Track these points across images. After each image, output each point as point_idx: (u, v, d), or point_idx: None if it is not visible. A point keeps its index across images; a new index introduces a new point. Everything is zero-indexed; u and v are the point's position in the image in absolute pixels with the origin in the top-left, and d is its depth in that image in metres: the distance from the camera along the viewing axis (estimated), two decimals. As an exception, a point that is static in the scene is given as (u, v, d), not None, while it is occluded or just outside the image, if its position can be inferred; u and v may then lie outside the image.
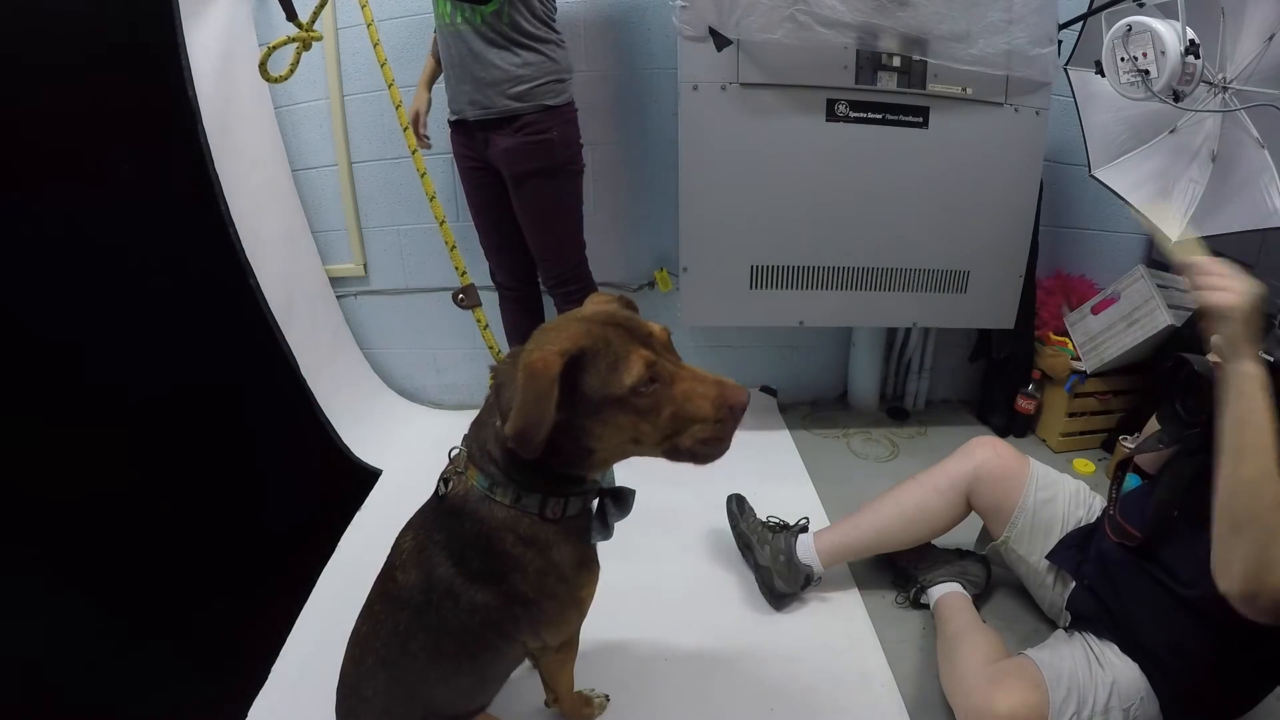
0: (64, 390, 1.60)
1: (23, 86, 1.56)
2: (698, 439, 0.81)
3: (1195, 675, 1.03)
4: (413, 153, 1.18)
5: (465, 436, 0.94)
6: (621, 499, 0.94)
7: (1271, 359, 0.91)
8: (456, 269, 1.09)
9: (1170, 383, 0.98)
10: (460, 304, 1.07)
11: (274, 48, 1.31)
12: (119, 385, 1.67)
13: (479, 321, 1.04)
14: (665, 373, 0.80)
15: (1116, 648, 1.10)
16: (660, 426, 0.80)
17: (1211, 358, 0.97)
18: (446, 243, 1.11)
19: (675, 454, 0.83)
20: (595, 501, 0.94)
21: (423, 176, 1.16)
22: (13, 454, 1.48)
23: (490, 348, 1.02)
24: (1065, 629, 1.23)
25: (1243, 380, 0.85)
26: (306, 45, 1.35)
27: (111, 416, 1.65)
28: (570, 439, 0.81)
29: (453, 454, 0.94)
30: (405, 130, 1.22)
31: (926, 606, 1.46)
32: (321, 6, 1.35)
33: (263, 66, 1.31)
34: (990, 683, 1.09)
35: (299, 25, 1.33)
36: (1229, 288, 0.86)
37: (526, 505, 0.87)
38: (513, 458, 0.84)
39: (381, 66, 1.21)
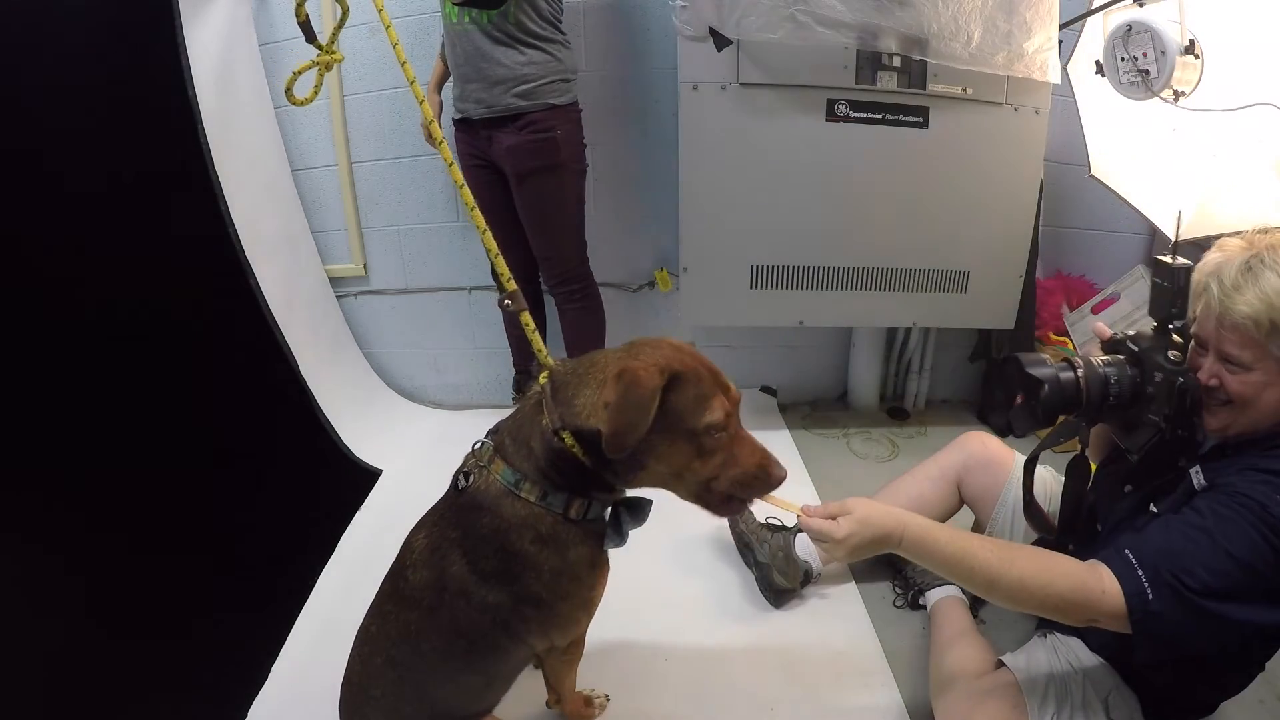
0: (64, 391, 1.60)
1: (23, 87, 1.56)
2: (730, 489, 0.88)
3: (1144, 676, 1.02)
4: (449, 165, 1.18)
5: (491, 430, 0.94)
6: (638, 508, 0.95)
7: None
8: (502, 275, 1.12)
9: (1010, 383, 0.99)
10: (507, 309, 1.10)
11: (299, 73, 1.32)
12: (119, 385, 1.67)
13: (527, 325, 1.07)
14: (731, 426, 0.87)
15: (1082, 643, 1.11)
16: (708, 469, 0.86)
17: (1087, 346, 0.98)
18: (489, 251, 1.13)
19: (702, 499, 0.90)
20: (609, 510, 0.94)
21: (461, 188, 1.16)
22: (13, 454, 1.48)
23: (539, 350, 1.04)
24: (1039, 629, 1.23)
25: (910, 547, 0.90)
26: (329, 66, 1.35)
27: (111, 417, 1.65)
28: (632, 450, 0.82)
29: (476, 447, 0.94)
30: (441, 144, 1.23)
31: (925, 607, 1.46)
32: (339, 27, 1.35)
33: (288, 91, 1.32)
34: (970, 709, 1.09)
35: (319, 47, 1.33)
36: (840, 530, 0.90)
37: (552, 504, 0.88)
38: (554, 456, 0.86)
39: (411, 84, 1.22)
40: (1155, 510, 0.94)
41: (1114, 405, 0.93)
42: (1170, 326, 0.95)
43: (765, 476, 0.88)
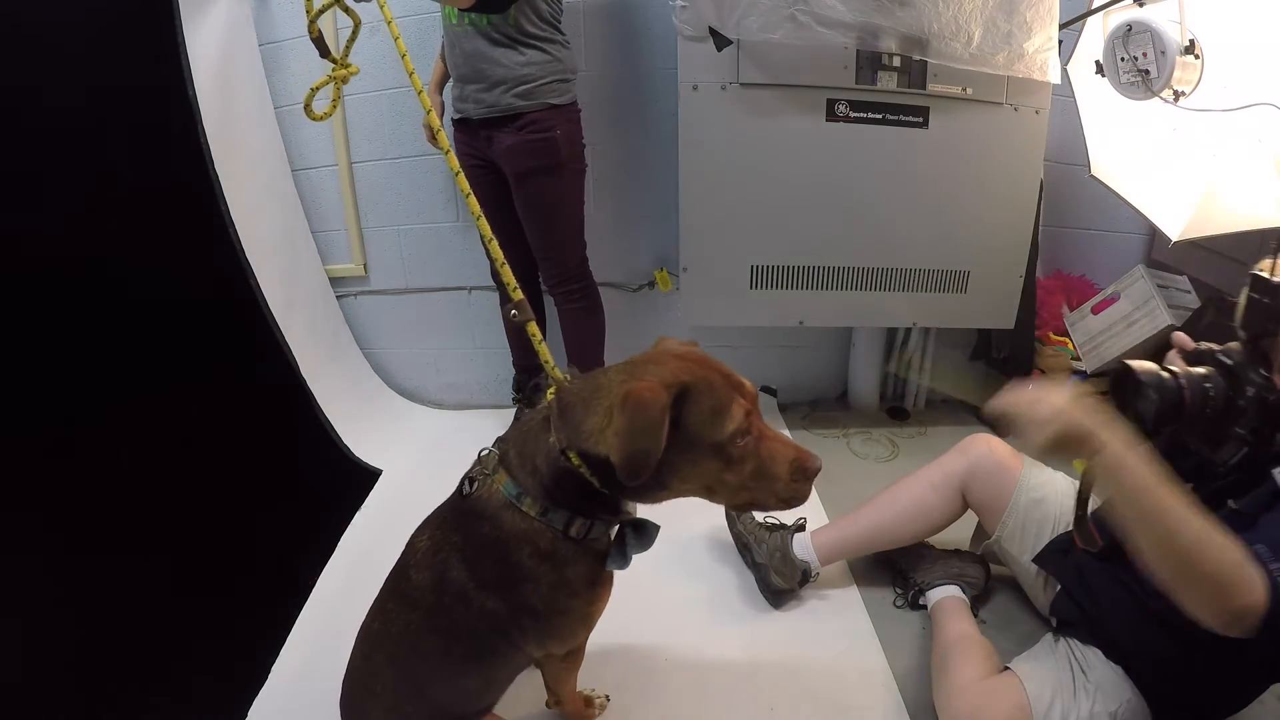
0: (64, 390, 1.60)
1: (23, 86, 1.56)
2: (780, 497, 0.84)
3: (1172, 682, 1.02)
4: (456, 174, 1.18)
5: (500, 439, 0.93)
6: (643, 530, 0.92)
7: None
8: (508, 285, 1.11)
9: (1117, 391, 0.96)
10: (513, 319, 1.08)
11: (316, 89, 1.32)
12: (119, 385, 1.67)
13: (534, 336, 1.05)
14: (755, 428, 0.82)
15: (1100, 653, 1.10)
16: (741, 478, 0.82)
17: (1170, 356, 0.96)
18: (496, 259, 1.12)
19: (741, 506, 0.86)
20: (615, 529, 0.93)
21: (468, 196, 1.16)
22: (13, 452, 1.48)
23: (546, 361, 1.02)
24: (1052, 633, 1.23)
25: (1109, 461, 0.82)
26: (345, 80, 1.36)
27: (111, 416, 1.65)
28: (654, 473, 0.78)
29: (482, 454, 0.93)
30: (448, 153, 1.23)
31: (925, 608, 1.46)
32: (352, 40, 1.36)
33: (307, 108, 1.32)
34: (975, 709, 1.09)
35: (334, 61, 1.34)
36: (1044, 411, 0.83)
37: (552, 520, 0.85)
38: (559, 475, 0.84)
39: (420, 94, 1.22)
40: (1235, 507, 0.92)
41: (1208, 417, 0.91)
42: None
43: (802, 473, 0.83)
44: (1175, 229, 1.72)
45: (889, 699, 1.29)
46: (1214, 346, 0.94)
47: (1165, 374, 0.90)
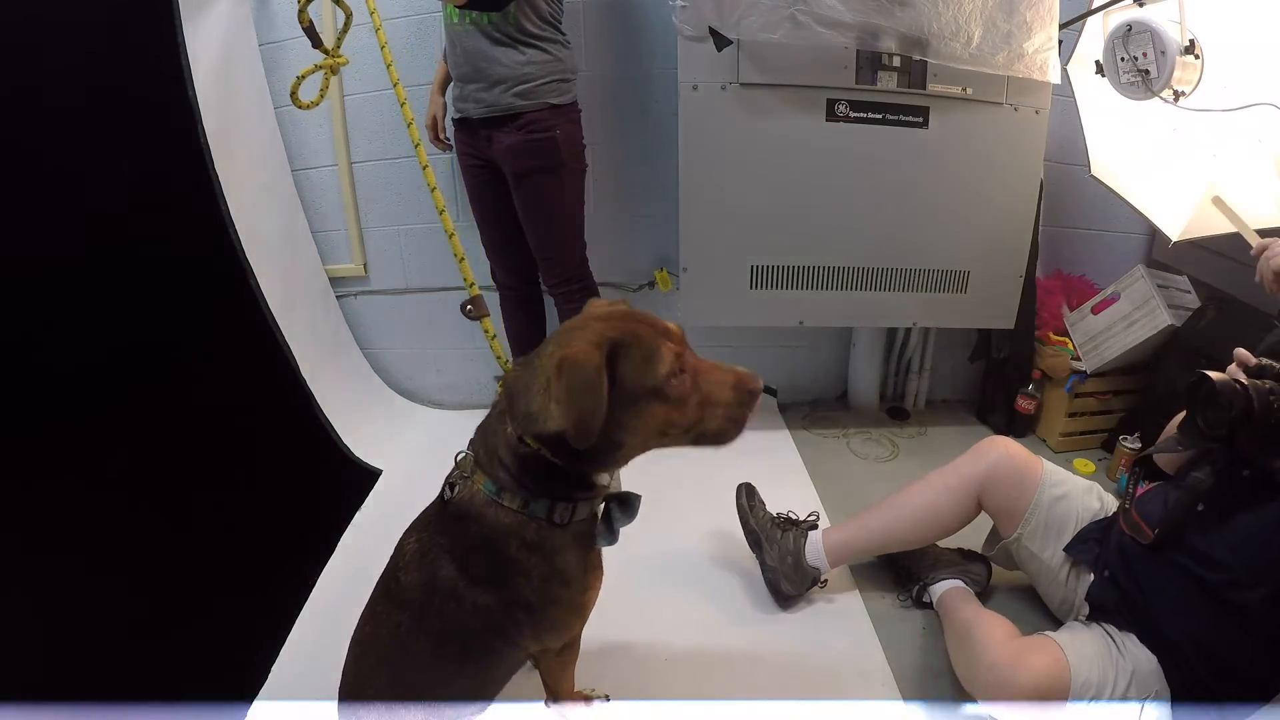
0: (63, 389, 1.60)
1: (23, 86, 1.56)
2: (729, 418, 0.87)
3: (1211, 665, 1.03)
4: (424, 168, 1.18)
5: (471, 441, 0.93)
6: (627, 504, 0.94)
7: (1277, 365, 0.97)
8: (465, 281, 1.10)
9: (1191, 398, 1.01)
10: (469, 315, 1.07)
11: (303, 77, 1.32)
12: (119, 384, 1.67)
13: (486, 332, 1.04)
14: (688, 364, 0.85)
15: (1135, 638, 1.11)
16: (688, 414, 0.84)
17: (1232, 370, 1.00)
18: (456, 255, 1.12)
19: (699, 440, 0.87)
20: (601, 506, 0.93)
21: (433, 191, 1.16)
22: (11, 452, 1.48)
23: (498, 357, 1.02)
24: (1083, 621, 1.23)
25: None
26: (334, 70, 1.36)
27: (111, 416, 1.65)
28: (602, 434, 0.80)
29: (458, 458, 0.94)
30: (418, 147, 1.22)
31: (929, 605, 1.46)
32: (344, 31, 1.36)
33: (294, 95, 1.32)
34: (1014, 656, 1.09)
35: (325, 52, 1.34)
36: None
37: (534, 511, 0.87)
38: (524, 463, 0.85)
39: (395, 86, 1.22)
40: None
41: (1271, 427, 0.95)
42: None
43: (746, 394, 0.87)
44: (1175, 229, 1.73)
45: (889, 698, 1.28)
46: (1275, 364, 0.98)
47: (1237, 385, 0.96)
